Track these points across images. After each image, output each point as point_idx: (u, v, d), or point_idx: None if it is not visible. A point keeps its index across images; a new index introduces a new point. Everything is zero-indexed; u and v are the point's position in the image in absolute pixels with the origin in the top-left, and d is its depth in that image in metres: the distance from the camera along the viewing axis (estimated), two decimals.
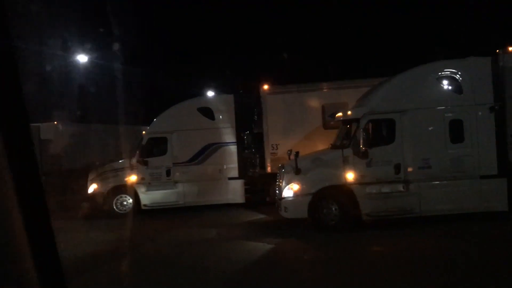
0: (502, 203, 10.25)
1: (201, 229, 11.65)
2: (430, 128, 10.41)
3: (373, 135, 10.93)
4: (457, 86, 10.39)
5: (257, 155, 15.16)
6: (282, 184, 10.81)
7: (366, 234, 10.14)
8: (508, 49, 10.81)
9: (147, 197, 13.97)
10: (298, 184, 10.50)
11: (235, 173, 14.31)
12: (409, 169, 10.32)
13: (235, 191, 14.22)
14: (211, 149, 14.30)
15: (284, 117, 14.15)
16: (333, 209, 10.44)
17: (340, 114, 11.39)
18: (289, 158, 10.99)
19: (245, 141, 15.97)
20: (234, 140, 14.42)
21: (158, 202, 14.05)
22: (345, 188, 10.44)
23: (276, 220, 11.69)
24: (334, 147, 11.24)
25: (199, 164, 14.21)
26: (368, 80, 13.58)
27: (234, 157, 14.36)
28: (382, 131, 11.07)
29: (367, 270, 7.64)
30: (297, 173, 10.48)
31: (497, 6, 22.79)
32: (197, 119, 14.34)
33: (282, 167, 11.16)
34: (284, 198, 10.68)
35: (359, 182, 10.37)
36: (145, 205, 13.96)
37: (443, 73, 10.45)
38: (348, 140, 10.73)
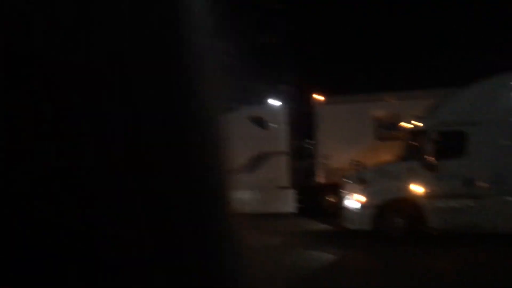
0: None
1: (262, 236, 11.84)
2: (504, 141, 9.97)
3: (443, 147, 10.64)
4: None
5: (310, 166, 14.95)
6: (346, 194, 10.79)
7: (431, 248, 9.87)
8: None
9: None
10: (363, 195, 10.44)
11: (286, 182, 14.33)
12: (481, 184, 9.93)
13: (285, 200, 14.23)
14: (263, 158, 14.44)
15: (337, 128, 13.97)
16: (399, 221, 10.27)
17: (407, 125, 11.20)
18: (354, 169, 10.96)
19: (298, 151, 15.68)
20: (286, 149, 14.45)
21: None
22: (411, 201, 10.24)
23: (338, 231, 11.64)
24: (401, 158, 11.05)
25: (250, 173, 14.26)
26: (425, 90, 13.29)
27: (286, 167, 14.38)
28: (452, 143, 10.72)
29: (427, 284, 7.47)
30: (362, 183, 10.43)
31: None
32: (247, 128, 14.33)
33: (347, 177, 11.14)
34: (347, 208, 10.66)
35: (426, 195, 10.13)
36: None
37: None
38: (416, 152, 10.52)
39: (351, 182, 10.76)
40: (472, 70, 12.62)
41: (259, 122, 14.64)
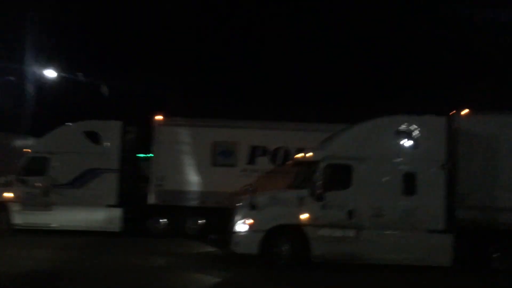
0: (447, 259, 10.55)
1: (149, 257, 11.39)
2: (384, 178, 10.73)
3: (331, 179, 11.16)
4: (413, 141, 10.83)
5: (144, 186, 14.62)
6: (236, 218, 10.80)
7: (314, 275, 10.18)
8: (463, 111, 11.45)
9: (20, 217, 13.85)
10: (252, 219, 10.52)
11: (113, 200, 14.14)
12: (362, 216, 10.53)
13: (111, 218, 14.01)
14: (92, 174, 14.16)
15: (173, 150, 14.22)
16: (285, 247, 10.47)
17: (301, 155, 11.62)
18: (247, 194, 11.02)
19: (132, 170, 15.32)
20: (118, 167, 14.28)
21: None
22: (298, 228, 10.53)
23: (226, 255, 11.57)
24: (291, 187, 11.38)
25: (78, 188, 14.05)
26: (261, 122, 14.46)
27: (115, 185, 14.19)
28: (339, 176, 11.29)
29: None
30: (252, 208, 10.52)
31: (456, 68, 24.21)
32: (81, 142, 14.25)
33: (239, 201, 11.17)
34: (236, 232, 10.65)
35: (312, 223, 10.49)
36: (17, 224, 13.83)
37: (401, 127, 10.90)
38: (306, 182, 10.90)
39: (243, 206, 10.80)
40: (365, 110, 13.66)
41: (94, 137, 14.35)
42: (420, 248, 10.56)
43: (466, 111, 11.41)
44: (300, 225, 10.51)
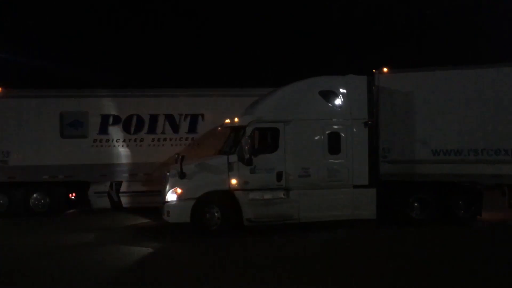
0: (371, 212, 11.10)
1: (78, 234, 11.06)
2: (310, 139, 10.97)
3: (258, 143, 11.29)
4: (336, 101, 11.10)
5: None
6: (166, 188, 10.67)
7: (246, 239, 10.35)
8: (383, 70, 11.83)
9: None
10: (182, 188, 10.44)
11: None
12: (290, 177, 10.75)
13: None
14: None
15: (17, 123, 13.62)
16: (216, 214, 10.54)
17: (228, 120, 11.56)
18: (176, 162, 10.88)
19: None
20: None
21: None
22: (228, 194, 10.59)
23: (160, 225, 11.49)
24: (220, 152, 11.36)
25: None
26: (111, 90, 14.34)
27: None
28: (267, 140, 11.43)
29: (240, 273, 7.78)
30: (181, 177, 10.42)
31: (379, 28, 24.94)
32: None
33: (167, 170, 11.03)
34: (167, 202, 10.56)
35: (242, 188, 10.58)
36: None
37: (324, 87, 11.11)
38: (234, 147, 10.91)
39: (172, 175, 10.67)
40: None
41: None
42: (346, 204, 11.02)
43: (384, 69, 11.79)
44: (230, 191, 10.57)
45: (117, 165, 13.82)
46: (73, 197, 14.10)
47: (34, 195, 13.62)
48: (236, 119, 11.10)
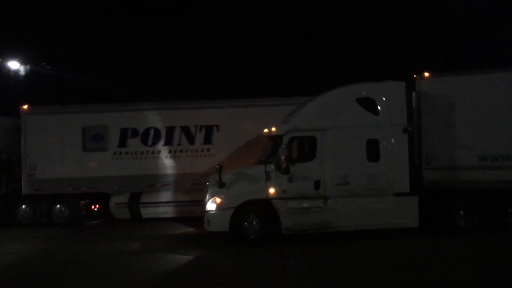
0: (413, 220, 10.81)
1: (122, 242, 11.54)
2: (348, 147, 10.86)
3: (295, 151, 11.32)
4: (374, 108, 10.94)
5: (16, 176, 14.53)
6: (206, 197, 10.93)
7: (284, 248, 10.39)
8: (424, 75, 11.56)
9: None
10: (220, 197, 10.65)
11: None
12: (328, 186, 10.70)
13: None
14: None
15: (44, 138, 14.21)
16: (254, 223, 10.66)
17: (266, 130, 11.69)
18: (216, 173, 11.10)
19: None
20: None
21: None
22: (266, 203, 10.69)
23: (201, 234, 11.76)
24: (258, 162, 11.49)
25: None
26: (129, 104, 14.65)
27: None
28: (304, 148, 11.44)
29: (278, 283, 7.84)
30: (220, 186, 10.64)
31: (417, 34, 24.38)
32: None
33: (207, 180, 11.29)
34: (207, 211, 10.80)
35: (280, 197, 10.65)
36: None
37: (361, 95, 11.00)
38: (271, 156, 11.01)
39: (212, 185, 10.92)
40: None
41: None
42: (386, 212, 10.80)
43: (425, 74, 11.52)
44: (268, 200, 10.67)
45: (136, 177, 14.16)
46: (96, 209, 14.75)
47: (57, 206, 14.25)
48: (273, 129, 11.20)
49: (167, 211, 14.18)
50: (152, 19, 27.91)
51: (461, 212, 11.18)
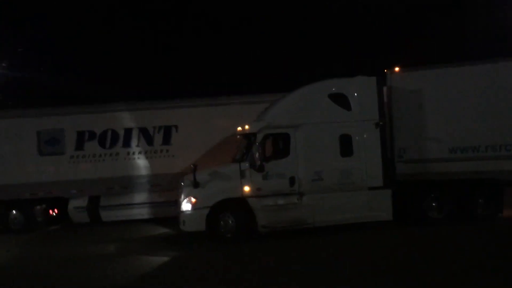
0: (387, 213, 10.97)
1: (99, 245, 11.36)
2: (321, 143, 10.91)
3: (270, 149, 11.36)
4: (346, 103, 11.02)
5: None
6: (181, 197, 10.85)
7: (261, 245, 10.39)
8: (394, 70, 11.71)
9: None
10: (196, 197, 10.59)
11: None
12: (303, 182, 10.75)
13: None
14: None
15: None
16: (230, 221, 10.64)
17: (239, 128, 11.67)
18: (189, 172, 11.05)
19: None
20: None
21: None
22: (242, 201, 10.68)
23: (178, 234, 11.67)
24: (232, 160, 11.46)
25: None
26: (85, 106, 14.34)
27: None
28: (278, 145, 11.48)
29: (255, 280, 7.85)
30: (195, 186, 10.58)
31: (386, 28, 24.75)
32: None
33: (182, 180, 11.21)
34: (183, 211, 10.73)
35: (255, 195, 10.65)
36: None
37: (333, 90, 11.07)
38: (246, 154, 10.99)
39: (187, 185, 10.84)
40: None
41: None
42: (361, 206, 10.94)
43: (396, 69, 11.67)
44: (243, 198, 10.66)
45: (94, 180, 13.83)
46: (54, 214, 14.45)
47: (13, 212, 13.88)
48: (246, 126, 11.17)
49: (128, 214, 13.89)
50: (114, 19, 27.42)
51: (433, 204, 11.40)
